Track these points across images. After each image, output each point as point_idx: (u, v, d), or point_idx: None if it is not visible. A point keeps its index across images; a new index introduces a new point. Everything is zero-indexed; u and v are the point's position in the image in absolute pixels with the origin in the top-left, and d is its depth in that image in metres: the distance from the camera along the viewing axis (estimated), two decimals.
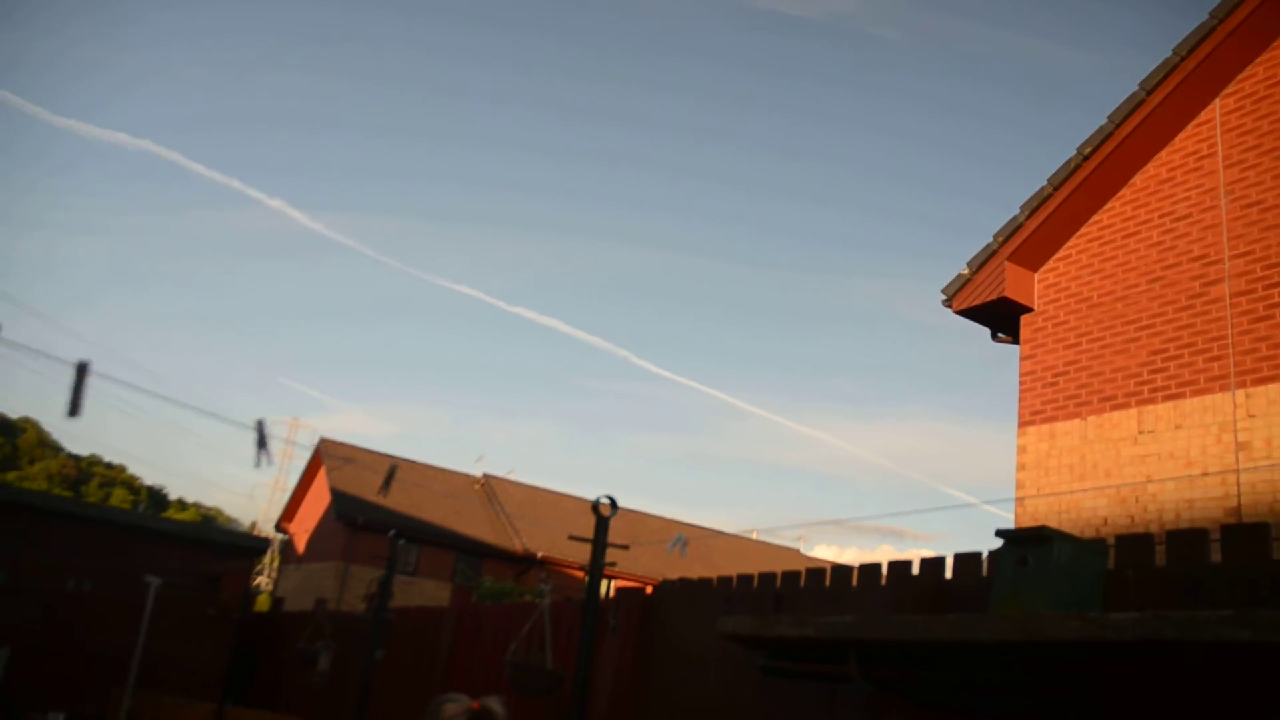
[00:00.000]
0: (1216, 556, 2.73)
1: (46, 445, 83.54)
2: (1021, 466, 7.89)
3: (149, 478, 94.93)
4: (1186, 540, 2.77)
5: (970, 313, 8.50)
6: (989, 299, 8.20)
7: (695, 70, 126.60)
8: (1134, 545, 2.94)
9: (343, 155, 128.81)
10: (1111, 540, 3.17)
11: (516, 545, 29.65)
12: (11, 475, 72.31)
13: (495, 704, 2.85)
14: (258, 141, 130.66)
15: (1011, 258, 8.15)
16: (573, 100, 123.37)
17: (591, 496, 5.28)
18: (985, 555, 3.59)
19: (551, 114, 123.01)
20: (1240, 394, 6.62)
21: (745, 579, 4.67)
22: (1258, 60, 7.20)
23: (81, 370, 7.62)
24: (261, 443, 9.25)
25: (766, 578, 4.54)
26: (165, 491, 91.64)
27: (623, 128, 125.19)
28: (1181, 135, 7.57)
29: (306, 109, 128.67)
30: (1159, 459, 6.98)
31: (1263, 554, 2.49)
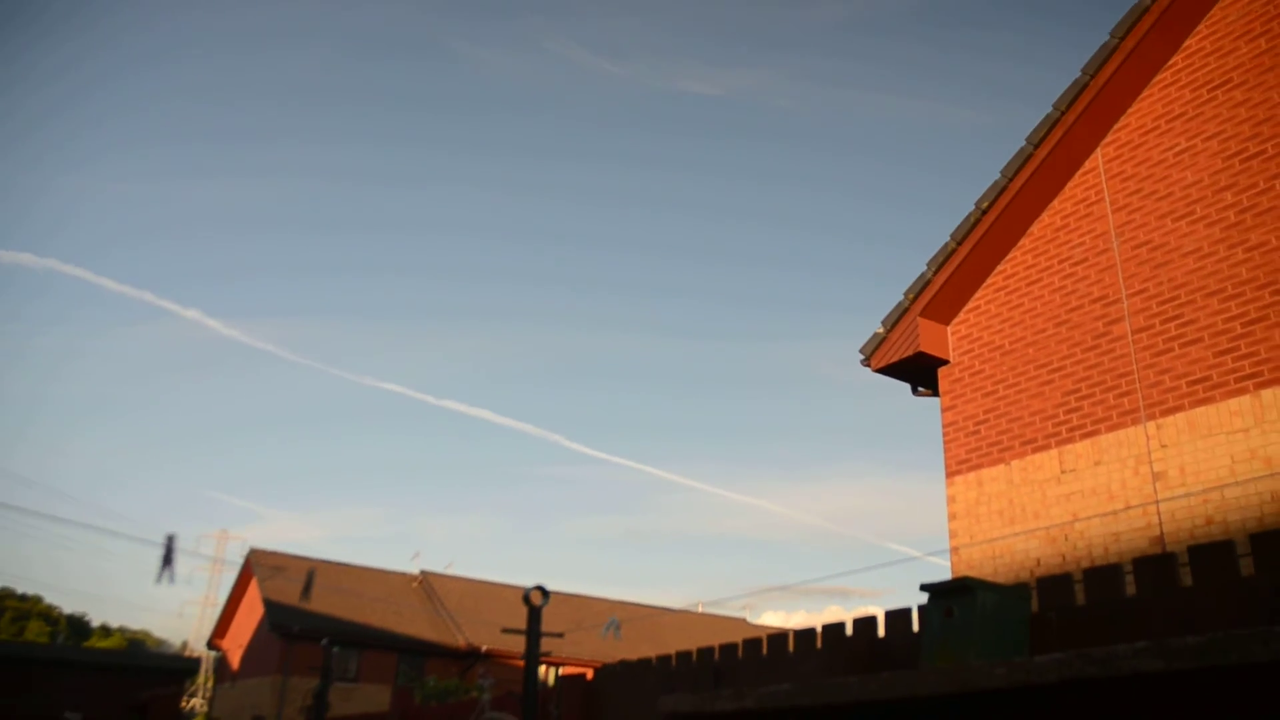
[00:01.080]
0: (1134, 588, 2.77)
1: None
2: (953, 516, 7.98)
3: (68, 606, 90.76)
4: (1102, 577, 2.81)
5: (889, 370, 8.66)
6: (906, 355, 8.37)
7: (598, 141, 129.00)
8: (1054, 587, 2.97)
9: (252, 259, 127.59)
10: (1037, 579, 3.20)
11: (459, 641, 28.89)
12: None
13: None
14: (165, 252, 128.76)
15: (924, 313, 8.35)
16: (475, 180, 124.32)
17: (532, 584, 5.17)
18: (915, 610, 3.60)
19: (454, 197, 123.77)
20: (1151, 426, 6.81)
21: (684, 656, 4.60)
22: (1129, 111, 7.59)
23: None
24: (167, 558, 8.95)
25: (705, 653, 4.47)
26: (87, 619, 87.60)
27: (525, 202, 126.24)
28: (1070, 184, 7.91)
29: (210, 215, 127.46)
30: (1082, 496, 7.12)
31: (1172, 584, 2.53)
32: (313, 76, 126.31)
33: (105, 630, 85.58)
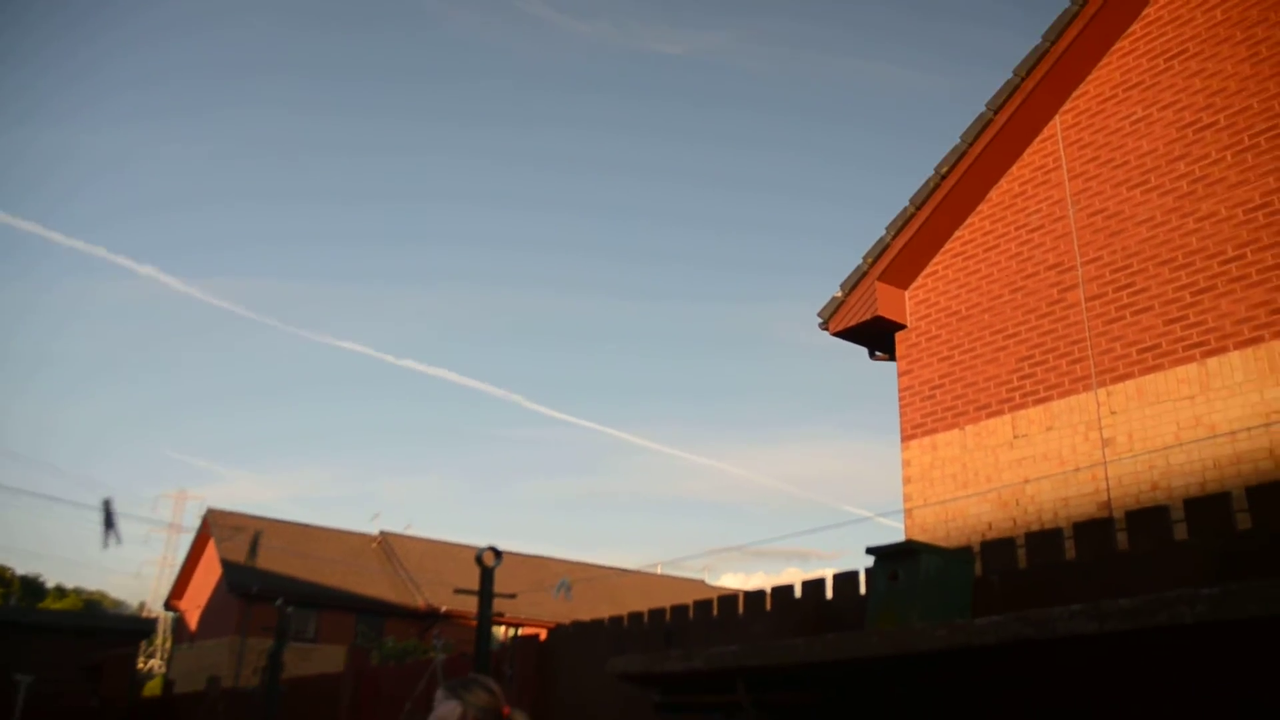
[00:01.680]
0: (1075, 553, 2.82)
1: None
2: (907, 480, 8.07)
3: (21, 567, 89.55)
4: (1044, 541, 2.85)
5: (847, 334, 8.70)
6: (864, 319, 8.41)
7: (562, 102, 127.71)
8: (998, 550, 3.01)
9: (210, 221, 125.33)
10: (981, 543, 3.24)
11: (419, 601, 28.92)
12: None
13: (521, 716, 2.71)
14: (121, 210, 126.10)
15: (882, 277, 8.38)
16: (438, 140, 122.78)
17: (485, 546, 5.16)
18: (863, 573, 3.63)
19: (417, 154, 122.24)
20: (1102, 393, 6.91)
21: (636, 617, 4.63)
22: (1088, 79, 7.62)
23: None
24: (109, 522, 8.80)
25: (656, 614, 4.50)
26: (42, 580, 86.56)
27: (489, 162, 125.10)
28: (1029, 151, 7.94)
29: (166, 170, 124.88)
30: (1034, 461, 7.22)
31: (1109, 547, 2.57)
32: (269, 36, 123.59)
33: (60, 591, 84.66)
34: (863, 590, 3.63)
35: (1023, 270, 7.68)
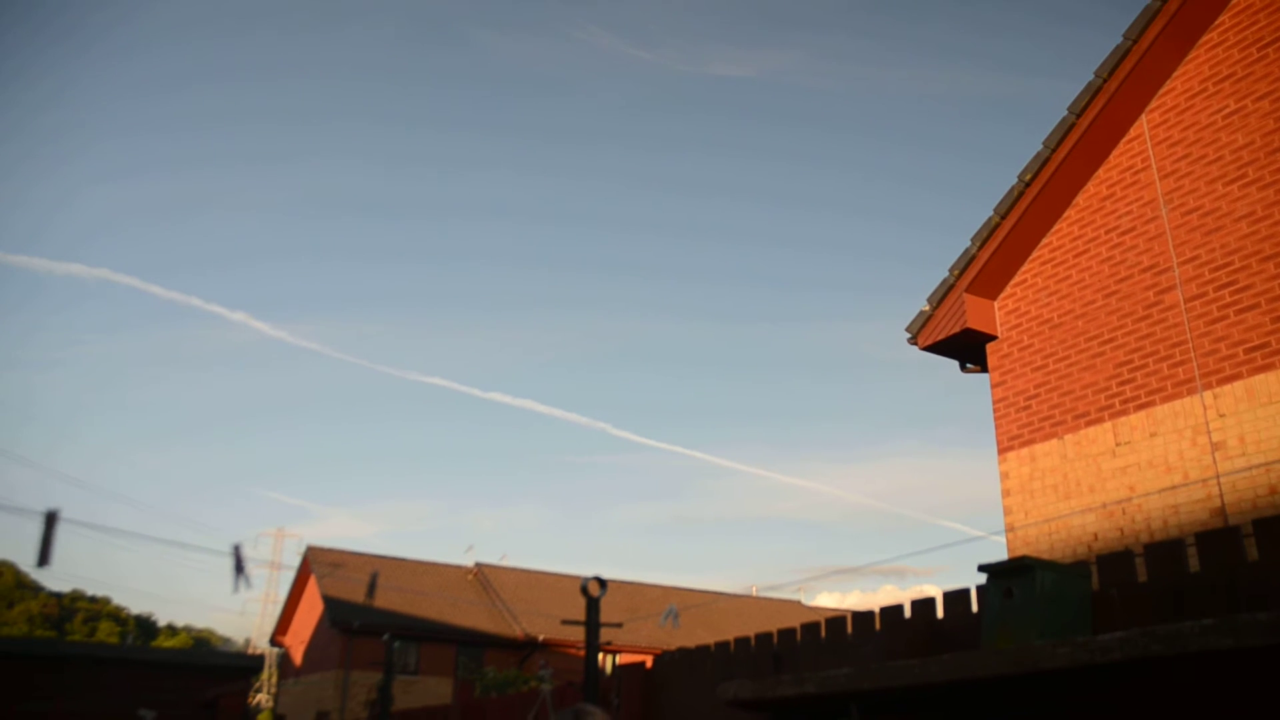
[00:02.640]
0: (1198, 563, 2.75)
1: (25, 586, 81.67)
2: (1006, 493, 7.91)
3: (136, 606, 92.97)
4: (1165, 552, 2.78)
5: (936, 347, 8.59)
6: (953, 332, 8.29)
7: (643, 126, 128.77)
8: (1115, 564, 2.95)
9: (296, 266, 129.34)
10: (1102, 554, 3.18)
11: (516, 631, 29.18)
12: None
13: None
14: (212, 260, 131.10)
15: (970, 289, 8.26)
16: (520, 169, 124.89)
17: (586, 573, 5.23)
18: (974, 590, 3.59)
19: (499, 186, 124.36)
20: (1208, 395, 6.70)
21: (743, 642, 4.63)
22: (1174, 75, 7.43)
23: (50, 520, 7.58)
24: (239, 567, 9.07)
25: (763, 638, 4.50)
26: (154, 619, 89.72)
27: (571, 190, 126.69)
28: (1115, 152, 7.77)
29: (255, 223, 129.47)
30: (1139, 469, 7.02)
31: (1238, 558, 2.51)
32: (345, 68, 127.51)
33: (171, 629, 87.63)
34: (975, 608, 3.58)
35: (1116, 274, 7.50)
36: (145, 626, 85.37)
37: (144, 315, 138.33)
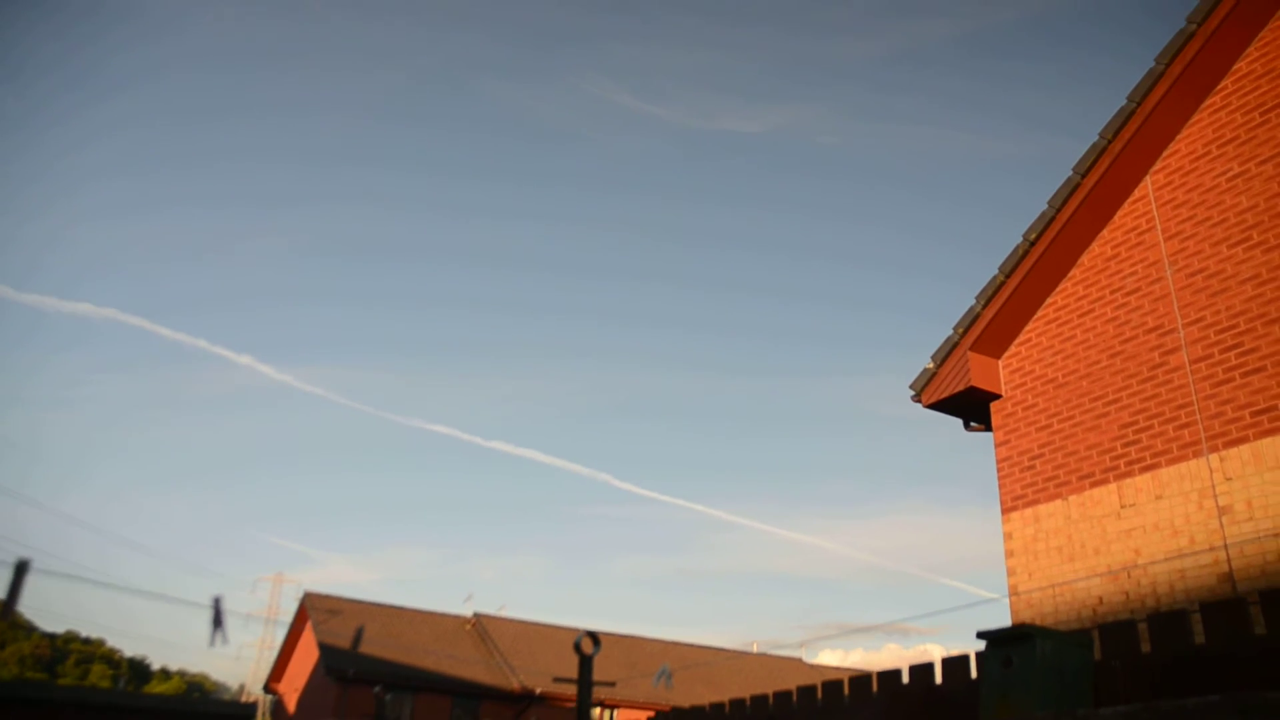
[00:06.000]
0: (1203, 633, 2.67)
1: (18, 626, 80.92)
2: (1010, 553, 7.80)
3: (129, 649, 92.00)
4: (1169, 623, 2.71)
5: (940, 405, 8.53)
6: (957, 390, 8.25)
7: (647, 178, 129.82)
8: (1118, 633, 2.87)
9: (302, 311, 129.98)
10: (1107, 618, 3.10)
11: (514, 684, 28.76)
12: None
13: None
14: (219, 301, 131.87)
15: (974, 347, 8.23)
16: (529, 218, 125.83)
17: (586, 626, 5.13)
18: (973, 656, 3.50)
19: (505, 234, 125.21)
20: (1214, 458, 6.62)
21: (738, 703, 4.52)
22: (1179, 137, 7.47)
23: (20, 569, 7.53)
24: (217, 620, 8.91)
25: (759, 700, 4.39)
26: (147, 662, 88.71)
27: (579, 239, 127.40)
28: (1120, 213, 7.78)
29: (258, 270, 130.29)
30: (1144, 531, 6.92)
31: (1245, 630, 2.43)
32: (357, 112, 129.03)
33: (165, 673, 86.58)
34: (974, 674, 3.49)
35: (1120, 334, 7.47)
36: (139, 670, 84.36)
37: (151, 356, 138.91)
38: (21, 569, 7.53)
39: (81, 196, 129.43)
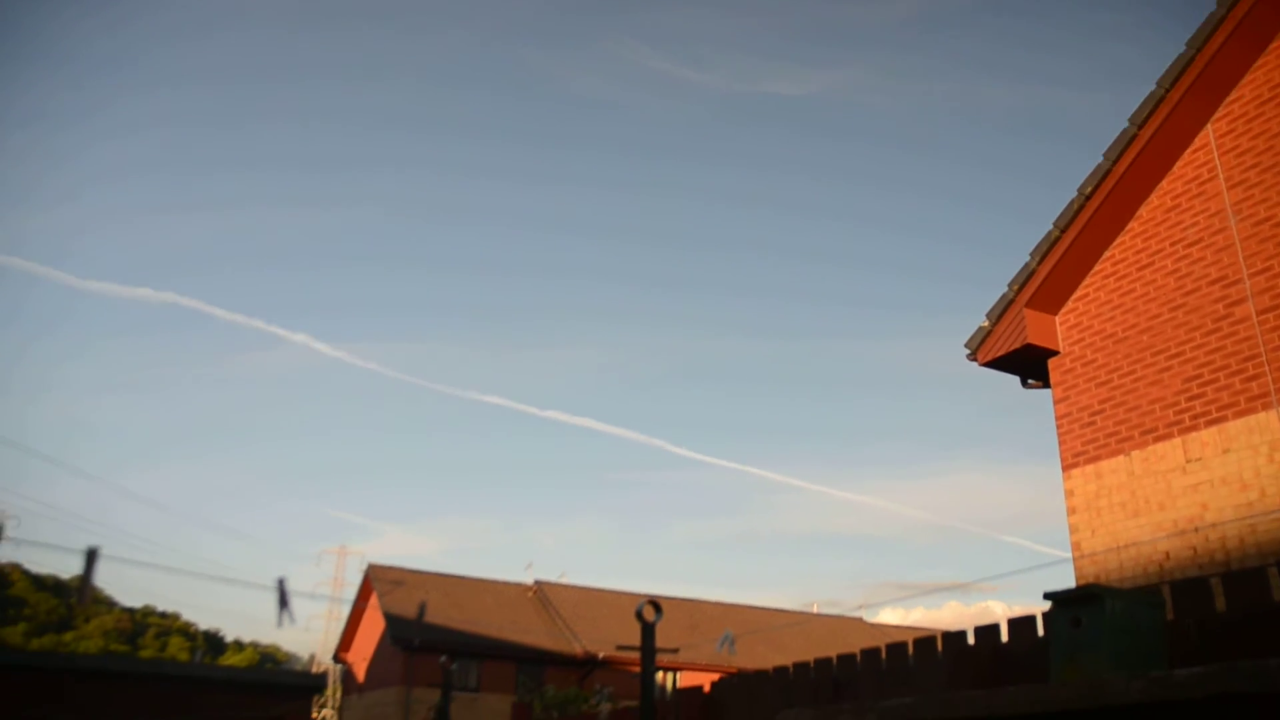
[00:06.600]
0: None
1: (100, 601, 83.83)
2: (1072, 510, 7.73)
3: (204, 622, 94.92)
4: (1244, 581, 2.69)
5: (996, 363, 8.44)
6: (1013, 348, 8.15)
7: (700, 142, 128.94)
8: (1190, 592, 2.86)
9: (356, 288, 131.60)
10: (1175, 574, 3.09)
11: (576, 649, 29.20)
12: (69, 635, 72.59)
13: None
14: (273, 282, 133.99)
15: (1030, 304, 8.11)
16: (582, 183, 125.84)
17: (645, 590, 5.21)
18: (1039, 615, 3.50)
19: (558, 200, 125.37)
20: None
21: (802, 667, 4.57)
22: (1242, 83, 7.24)
23: (91, 557, 7.86)
24: (283, 601, 9.20)
25: (823, 663, 4.44)
26: (221, 634, 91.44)
27: (631, 204, 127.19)
28: (1180, 163, 7.59)
29: (307, 239, 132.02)
30: (1212, 486, 6.81)
31: None
32: (403, 103, 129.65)
33: (239, 645, 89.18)
34: (1040, 633, 3.50)
35: (1182, 287, 7.31)
36: (213, 642, 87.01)
37: (209, 338, 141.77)
38: (92, 556, 7.87)
39: (131, 188, 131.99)
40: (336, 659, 35.23)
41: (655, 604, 5.16)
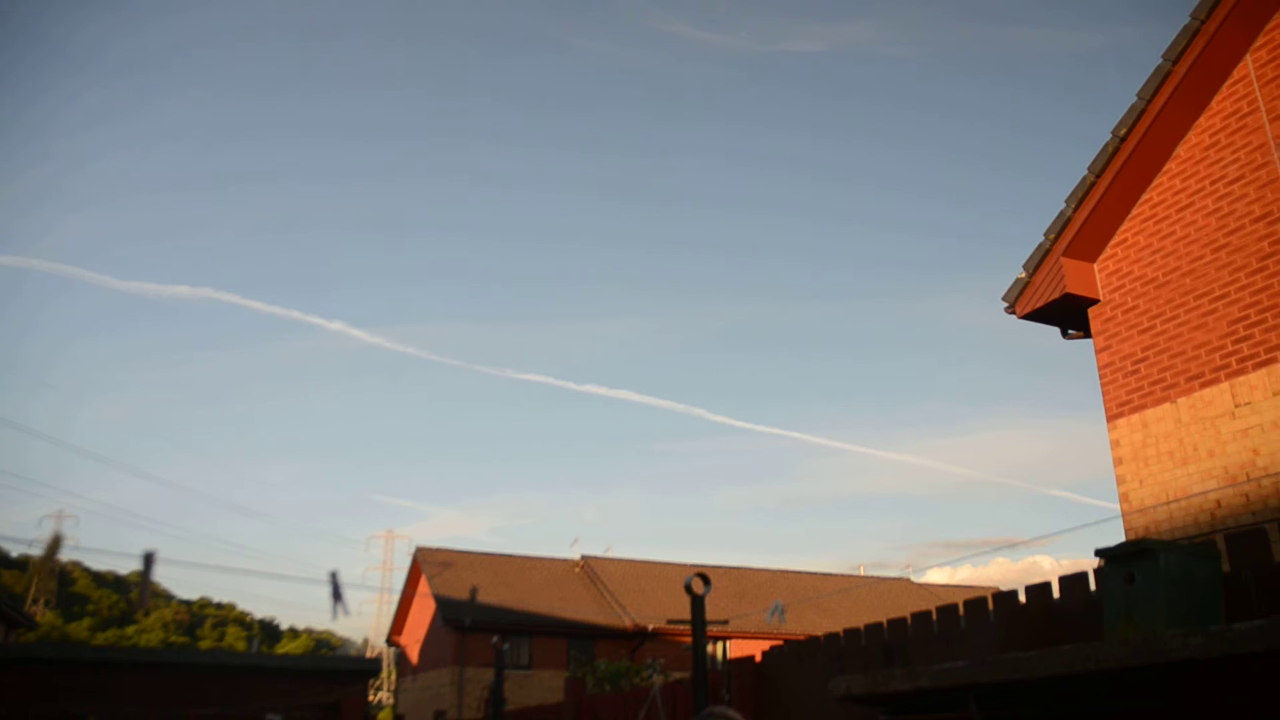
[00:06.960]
0: None
1: (158, 595, 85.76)
2: (1118, 460, 7.60)
3: (259, 611, 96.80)
4: None
5: (1035, 315, 8.29)
6: (1052, 298, 7.99)
7: (729, 103, 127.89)
8: (1247, 543, 2.78)
9: (389, 274, 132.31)
10: (1227, 522, 3.01)
11: (626, 622, 29.39)
12: (130, 629, 74.37)
13: None
14: (307, 272, 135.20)
15: (1067, 253, 7.95)
16: (610, 150, 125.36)
17: (690, 560, 5.20)
18: (1091, 572, 3.43)
19: (588, 166, 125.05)
20: None
21: (853, 633, 4.54)
22: None
23: (148, 560, 8.02)
24: (336, 594, 9.33)
25: (873, 628, 4.40)
26: (276, 623, 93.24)
27: (661, 169, 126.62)
28: (1218, 98, 7.36)
29: (345, 231, 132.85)
30: (1263, 430, 6.66)
31: None
32: (436, 74, 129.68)
33: (294, 632, 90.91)
34: (1093, 588, 3.43)
35: (1224, 226, 7.12)
36: (269, 630, 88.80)
37: (247, 330, 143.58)
38: (149, 560, 8.03)
39: (161, 189, 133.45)
40: (389, 642, 35.76)
41: (704, 576, 5.14)
